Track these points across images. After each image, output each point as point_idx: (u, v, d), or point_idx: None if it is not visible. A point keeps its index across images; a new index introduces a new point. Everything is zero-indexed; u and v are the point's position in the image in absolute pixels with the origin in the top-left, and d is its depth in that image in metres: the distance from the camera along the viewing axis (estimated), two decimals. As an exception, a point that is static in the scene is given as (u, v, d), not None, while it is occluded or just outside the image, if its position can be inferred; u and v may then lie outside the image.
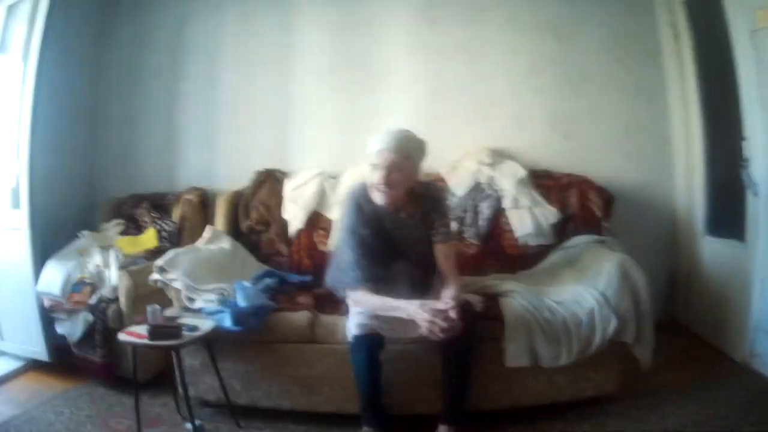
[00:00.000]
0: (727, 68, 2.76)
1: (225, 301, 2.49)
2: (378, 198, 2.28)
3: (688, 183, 3.31)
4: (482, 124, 3.37)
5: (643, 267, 2.46)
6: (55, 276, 2.94)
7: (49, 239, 3.11)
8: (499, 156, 3.24)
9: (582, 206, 3.02)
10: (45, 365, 3.12)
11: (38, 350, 3.10)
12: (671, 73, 3.30)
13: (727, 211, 3.02)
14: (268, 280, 2.79)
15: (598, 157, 3.32)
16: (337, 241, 2.62)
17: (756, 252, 2.67)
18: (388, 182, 2.24)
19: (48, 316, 3.00)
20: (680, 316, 3.42)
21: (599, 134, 3.35)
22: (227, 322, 2.38)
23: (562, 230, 3.01)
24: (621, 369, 2.52)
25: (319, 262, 3.05)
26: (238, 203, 3.25)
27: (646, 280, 2.42)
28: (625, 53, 3.31)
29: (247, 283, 2.60)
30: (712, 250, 3.10)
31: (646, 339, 2.44)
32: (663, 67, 3.32)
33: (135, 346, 2.35)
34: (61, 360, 3.08)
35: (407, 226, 2.36)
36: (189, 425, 2.33)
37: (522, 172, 3.09)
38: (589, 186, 3.07)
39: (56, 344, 3.06)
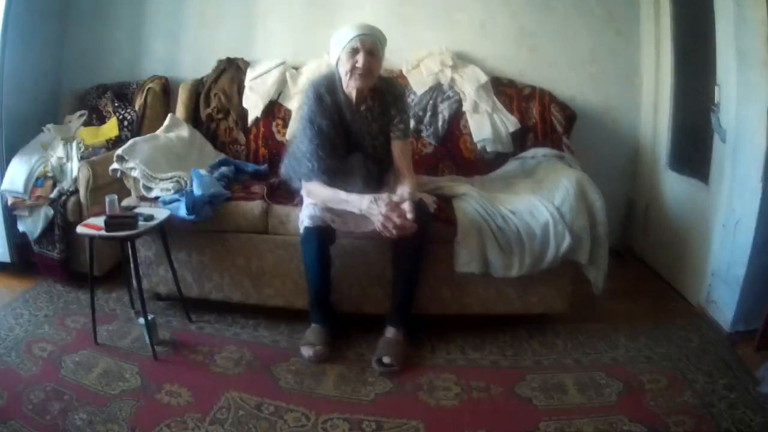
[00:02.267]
0: (705, 16, 2.73)
1: (181, 190, 2.48)
2: (354, 83, 2.28)
3: (654, 116, 3.29)
4: (447, 28, 3.32)
5: (601, 190, 2.44)
6: (18, 172, 2.90)
7: (16, 137, 3.07)
8: (462, 59, 3.22)
9: (543, 119, 3.02)
10: (6, 267, 3.09)
11: (0, 251, 3.08)
12: (646, 7, 3.28)
13: (691, 149, 3.01)
14: (224, 169, 2.78)
15: (562, 74, 3.30)
16: (295, 131, 2.62)
17: (719, 197, 2.66)
18: (371, 66, 2.25)
19: (10, 215, 2.96)
20: (637, 246, 3.44)
21: (566, 53, 3.32)
22: (182, 210, 2.37)
23: (522, 141, 3.00)
24: (573, 290, 2.53)
25: (276, 151, 3.05)
26: (200, 91, 3.21)
27: (603, 202, 2.41)
28: (600, -21, 3.30)
29: (203, 171, 2.58)
30: (674, 185, 3.10)
31: (600, 262, 2.42)
32: (638, 1, 3.30)
33: (92, 239, 2.33)
34: (22, 260, 3.06)
35: (366, 119, 2.35)
36: (142, 320, 2.33)
37: (484, 78, 3.06)
38: (551, 99, 3.06)
39: (18, 243, 3.03)
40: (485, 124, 2.94)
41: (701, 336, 2.52)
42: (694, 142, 2.95)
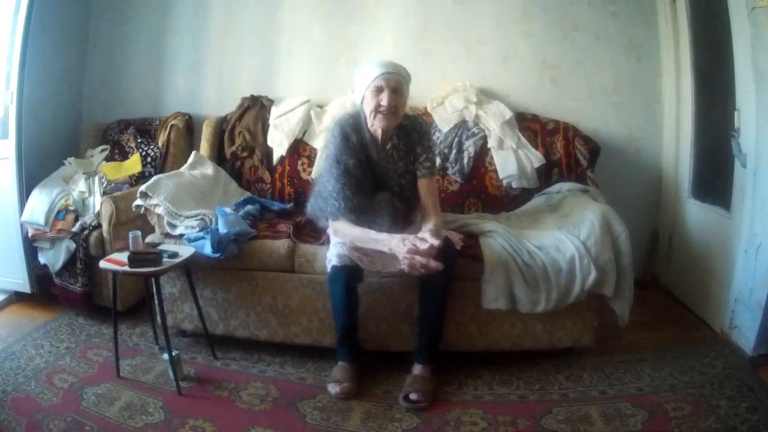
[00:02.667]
0: (723, 39, 2.73)
1: (206, 228, 2.49)
2: (379, 123, 2.28)
3: (676, 143, 3.28)
4: (470, 63, 3.34)
5: (625, 221, 2.44)
6: (39, 204, 2.92)
7: (35, 168, 3.09)
8: (485, 95, 3.23)
9: (567, 153, 3.02)
10: (27, 297, 3.11)
11: (21, 282, 3.08)
12: (665, 34, 3.26)
13: (713, 176, 3.01)
14: (250, 207, 2.79)
15: (585, 106, 3.30)
16: (321, 170, 2.62)
17: (741, 223, 2.65)
18: (396, 104, 2.26)
19: (31, 246, 2.98)
20: (661, 276, 3.42)
21: (588, 84, 3.32)
22: (207, 248, 2.38)
23: (546, 175, 3.00)
24: (598, 322, 2.52)
25: (301, 190, 3.06)
26: (224, 129, 3.22)
27: (628, 234, 2.41)
28: (619, 8, 3.26)
29: (228, 209, 2.59)
30: (696, 213, 3.09)
31: (625, 294, 2.42)
32: (657, 27, 3.27)
33: (115, 274, 2.34)
34: (43, 291, 3.07)
35: (392, 158, 2.36)
36: (166, 356, 2.32)
37: (509, 113, 3.07)
38: (575, 133, 3.06)
39: (38, 275, 3.04)
40: (510, 160, 2.94)
41: (724, 361, 2.51)
42: (716, 169, 2.95)
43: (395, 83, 2.26)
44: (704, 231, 3.00)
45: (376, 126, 2.30)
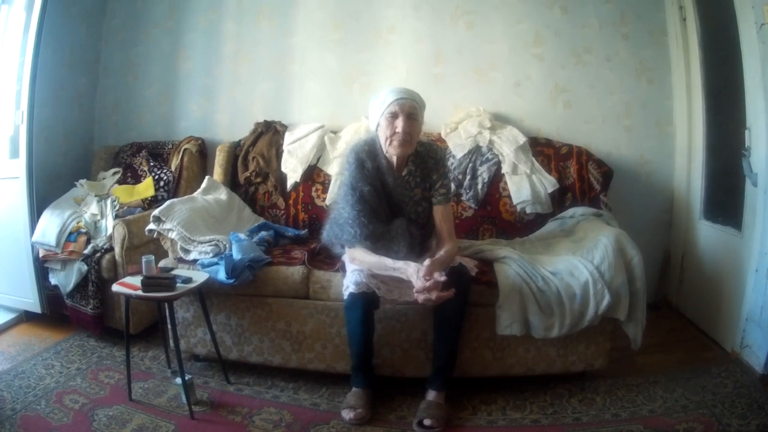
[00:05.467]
0: (732, 57, 2.74)
1: (220, 253, 2.49)
2: (395, 150, 2.28)
3: (687, 165, 3.29)
4: (482, 88, 3.35)
5: (638, 243, 2.45)
6: (50, 225, 2.93)
7: (46, 188, 3.11)
8: (499, 120, 3.24)
9: (581, 177, 3.03)
10: (37, 317, 3.12)
11: (31, 301, 3.09)
12: (676, 54, 3.28)
13: (724, 197, 3.02)
14: (264, 233, 2.79)
15: (598, 129, 3.32)
16: (336, 197, 2.62)
17: (752, 242, 2.66)
18: (411, 130, 2.26)
19: (42, 267, 2.98)
20: (673, 298, 3.42)
21: (600, 107, 3.33)
22: (221, 274, 2.38)
23: (560, 200, 3.01)
24: (611, 346, 2.52)
25: (315, 216, 3.07)
26: (237, 154, 3.23)
27: (641, 257, 2.41)
28: (630, 31, 3.28)
29: (242, 235, 2.59)
30: (708, 234, 3.09)
31: (638, 317, 2.42)
32: (668, 48, 3.29)
33: (128, 298, 2.34)
34: (53, 311, 3.07)
35: (408, 185, 2.36)
36: (179, 380, 2.32)
37: (522, 138, 3.08)
38: (588, 158, 3.07)
39: (49, 295, 3.04)
40: (524, 185, 2.95)
41: (735, 381, 2.52)
42: (727, 190, 2.96)
43: (410, 109, 2.26)
44: (716, 251, 3.01)
45: (391, 153, 2.30)
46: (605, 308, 2.33)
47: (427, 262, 2.15)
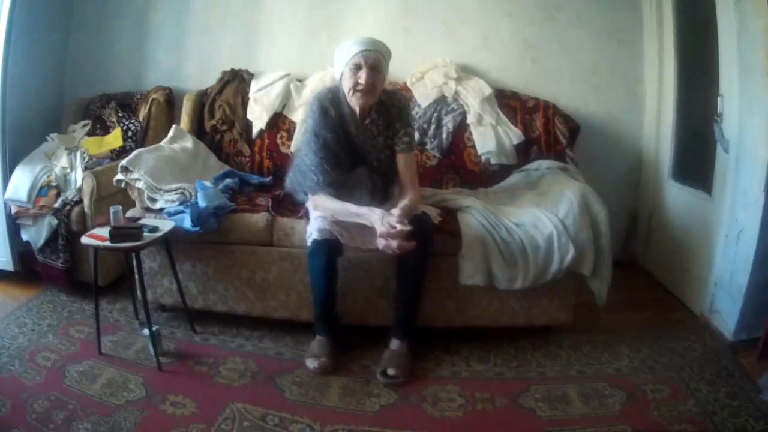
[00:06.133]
0: (707, 25, 2.75)
1: (186, 202, 2.49)
2: (357, 100, 2.28)
3: (657, 126, 3.30)
4: (450, 41, 3.34)
5: (605, 202, 2.45)
6: (22, 181, 2.91)
7: (19, 144, 3.07)
8: (466, 72, 3.23)
9: (546, 131, 3.03)
10: (10, 275, 3.09)
11: (3, 260, 3.06)
12: (649, 17, 3.27)
13: (694, 159, 3.03)
14: (229, 180, 2.78)
15: (565, 86, 3.31)
16: (299, 144, 2.62)
17: (722, 207, 2.68)
18: (375, 81, 2.25)
19: (14, 224, 2.96)
20: (640, 257, 3.44)
21: (569, 65, 3.33)
22: (187, 222, 2.38)
23: (525, 153, 3.00)
24: (576, 301, 2.53)
25: (280, 164, 3.06)
26: (204, 102, 3.21)
27: (607, 213, 2.42)
28: (603, -9, 3.30)
29: (207, 183, 2.59)
30: (677, 195, 3.11)
31: (603, 274, 2.43)
32: (641, 11, 3.29)
33: (96, 249, 2.34)
34: (25, 268, 3.05)
35: (371, 133, 2.36)
36: (146, 331, 2.33)
37: (488, 90, 3.07)
38: (555, 112, 3.07)
39: (20, 252, 3.02)
40: (489, 136, 2.95)
41: (704, 345, 2.53)
42: (697, 153, 2.97)
43: (374, 61, 2.26)
44: (685, 213, 3.03)
45: (354, 103, 2.30)
46: (570, 262, 2.34)
47: (397, 210, 2.16)
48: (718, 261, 2.67)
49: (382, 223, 2.12)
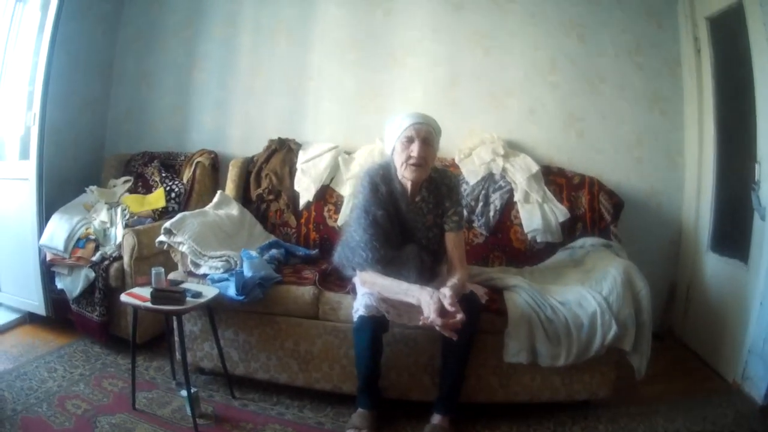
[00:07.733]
0: (746, 89, 2.76)
1: (230, 269, 2.49)
2: (410, 174, 2.28)
3: (696, 197, 3.30)
4: (497, 114, 3.36)
5: (645, 274, 2.47)
6: (59, 230, 2.93)
7: (55, 192, 3.10)
8: (512, 147, 3.26)
9: (592, 208, 3.04)
10: (41, 319, 3.12)
11: (36, 304, 3.09)
12: (689, 86, 3.28)
13: (732, 230, 3.04)
14: (275, 251, 2.78)
15: (609, 159, 3.33)
16: (348, 219, 2.61)
17: (758, 275, 2.68)
18: (426, 155, 2.26)
19: (48, 270, 2.98)
20: (677, 327, 3.43)
21: (612, 137, 3.34)
22: (231, 290, 2.39)
23: (571, 230, 3.01)
24: (616, 375, 2.53)
25: (326, 237, 3.07)
26: (250, 170, 3.22)
27: (648, 290, 2.43)
28: (645, 61, 3.30)
29: (253, 253, 2.59)
30: (715, 266, 3.11)
31: (643, 348, 2.44)
32: (682, 79, 3.31)
33: (136, 309, 2.35)
34: (58, 315, 3.07)
35: (421, 211, 2.36)
36: (184, 392, 2.32)
37: (535, 167, 3.09)
38: (600, 188, 3.08)
39: (54, 299, 3.04)
40: (536, 214, 2.96)
41: (736, 411, 2.54)
42: (735, 222, 2.97)
43: (426, 134, 2.27)
44: (722, 283, 3.02)
45: (406, 177, 2.31)
46: (612, 339, 2.35)
47: (448, 291, 2.13)
48: (752, 328, 2.68)
49: (433, 299, 2.10)
